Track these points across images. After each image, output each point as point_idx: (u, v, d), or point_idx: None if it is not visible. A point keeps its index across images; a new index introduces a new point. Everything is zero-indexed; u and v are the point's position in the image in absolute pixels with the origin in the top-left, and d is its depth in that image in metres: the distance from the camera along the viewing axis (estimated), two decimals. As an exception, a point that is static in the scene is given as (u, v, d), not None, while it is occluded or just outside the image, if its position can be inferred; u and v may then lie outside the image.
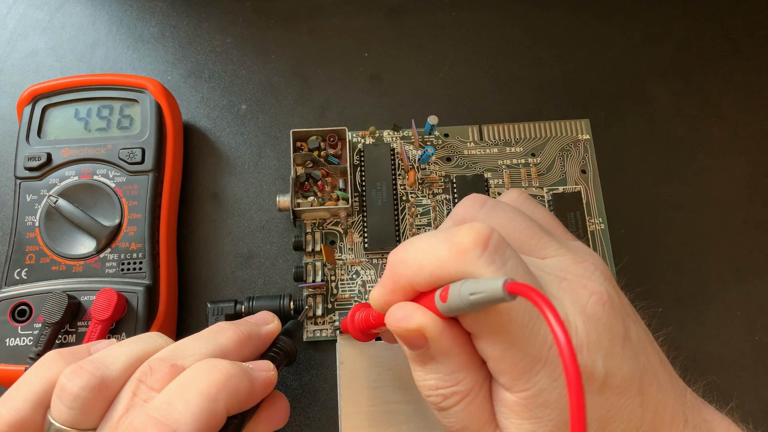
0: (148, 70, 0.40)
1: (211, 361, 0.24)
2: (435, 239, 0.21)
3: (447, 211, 0.36)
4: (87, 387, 0.22)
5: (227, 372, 0.23)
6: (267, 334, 0.28)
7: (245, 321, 0.28)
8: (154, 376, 0.23)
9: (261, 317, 0.29)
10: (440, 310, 0.21)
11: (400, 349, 0.33)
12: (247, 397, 0.24)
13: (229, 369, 0.23)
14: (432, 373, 0.22)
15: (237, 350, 0.26)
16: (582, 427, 0.15)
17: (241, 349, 0.26)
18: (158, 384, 0.23)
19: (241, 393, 0.23)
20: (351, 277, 0.35)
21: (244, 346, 0.26)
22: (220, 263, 0.36)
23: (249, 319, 0.29)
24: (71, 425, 0.22)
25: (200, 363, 0.24)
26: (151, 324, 0.32)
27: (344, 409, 0.32)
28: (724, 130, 0.39)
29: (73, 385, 0.22)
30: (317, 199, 0.36)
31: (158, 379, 0.23)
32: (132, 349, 0.25)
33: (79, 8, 0.42)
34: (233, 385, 0.23)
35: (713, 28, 0.42)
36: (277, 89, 0.40)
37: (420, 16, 0.42)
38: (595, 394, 0.21)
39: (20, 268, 0.32)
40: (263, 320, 0.29)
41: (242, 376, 0.24)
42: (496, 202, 0.25)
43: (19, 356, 0.31)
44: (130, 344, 0.25)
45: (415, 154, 0.38)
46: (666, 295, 0.35)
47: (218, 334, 0.26)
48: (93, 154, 0.34)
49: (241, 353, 0.26)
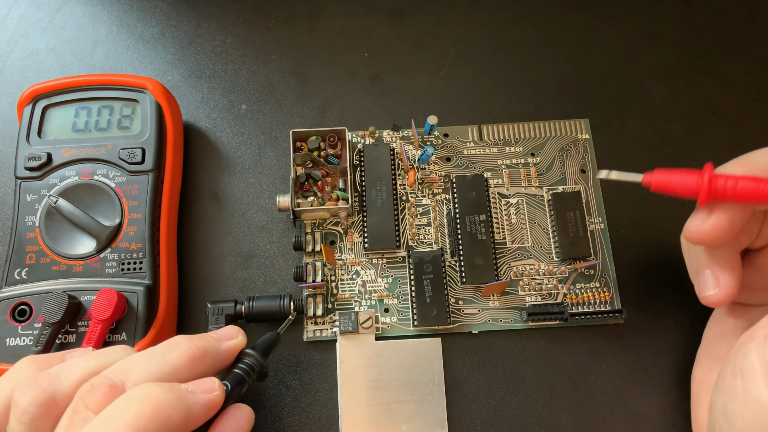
0: (148, 70, 0.40)
1: (145, 389, 0.23)
2: None
3: (447, 211, 0.36)
4: (35, 402, 0.22)
5: (158, 402, 0.22)
6: (227, 351, 0.27)
7: (205, 336, 0.27)
8: (92, 396, 0.23)
9: (224, 332, 0.28)
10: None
11: (400, 348, 0.33)
12: (183, 424, 0.23)
13: (161, 398, 0.22)
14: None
15: (189, 367, 0.25)
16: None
17: (194, 366, 0.25)
18: (94, 404, 0.22)
19: (173, 422, 0.23)
20: (351, 277, 0.35)
21: (197, 363, 0.26)
22: (220, 263, 0.36)
23: (212, 333, 0.28)
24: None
25: (133, 390, 0.23)
26: (151, 324, 0.32)
27: (344, 408, 0.32)
28: (724, 130, 0.39)
29: (24, 399, 0.22)
30: (317, 200, 0.36)
31: (95, 399, 0.22)
32: (89, 364, 0.24)
33: (79, 8, 0.42)
34: (165, 415, 0.22)
35: (713, 28, 0.42)
36: (277, 89, 0.40)
37: (420, 16, 0.42)
38: None
39: (20, 267, 0.32)
40: (226, 335, 0.28)
41: (176, 404, 0.23)
42: None
43: (19, 356, 0.30)
44: (89, 359, 0.25)
45: (415, 154, 0.38)
46: (666, 295, 0.35)
47: (170, 351, 0.25)
48: (93, 154, 0.34)
49: (194, 370, 0.25)
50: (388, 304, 0.35)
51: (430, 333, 0.34)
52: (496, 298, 0.35)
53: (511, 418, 0.33)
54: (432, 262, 0.34)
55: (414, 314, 0.34)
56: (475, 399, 0.33)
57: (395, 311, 0.34)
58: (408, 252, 0.35)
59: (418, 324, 0.34)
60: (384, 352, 0.33)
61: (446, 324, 0.33)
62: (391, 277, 0.35)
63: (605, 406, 0.33)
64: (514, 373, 0.34)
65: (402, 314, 0.34)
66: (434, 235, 0.36)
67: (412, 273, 0.34)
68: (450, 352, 0.34)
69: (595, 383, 0.34)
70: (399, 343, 0.34)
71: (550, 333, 0.34)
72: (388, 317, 0.34)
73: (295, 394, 0.33)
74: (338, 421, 0.32)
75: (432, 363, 0.33)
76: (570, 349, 0.34)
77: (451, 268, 0.35)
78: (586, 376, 0.34)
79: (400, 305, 0.35)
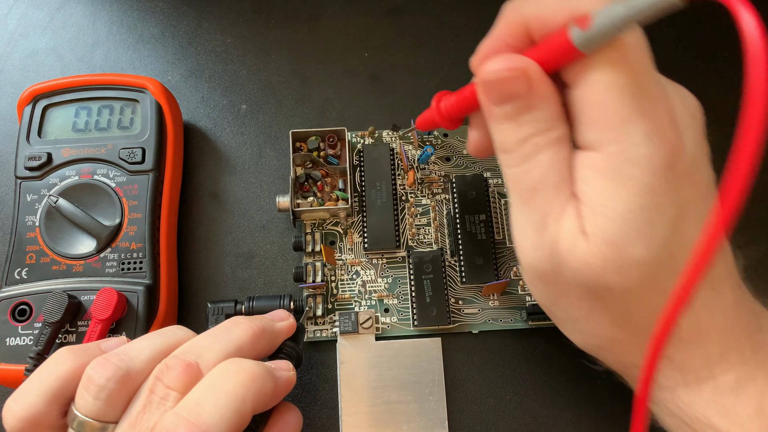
0: (148, 70, 0.40)
1: (238, 362, 0.24)
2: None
3: (447, 211, 0.36)
4: (113, 378, 0.23)
5: (253, 373, 0.23)
6: (281, 330, 0.29)
7: (260, 317, 0.29)
8: (169, 375, 0.23)
9: (276, 314, 0.30)
10: (576, 40, 0.20)
11: (400, 348, 0.33)
12: (271, 397, 0.24)
13: (255, 370, 0.24)
14: (528, 124, 0.22)
15: (251, 345, 0.26)
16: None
17: (255, 344, 0.26)
18: (173, 382, 0.23)
19: (266, 393, 0.24)
20: (351, 278, 0.35)
21: (257, 341, 0.27)
22: (220, 263, 0.36)
23: (264, 315, 0.29)
24: (95, 416, 0.23)
25: (226, 363, 0.24)
26: (151, 324, 0.32)
27: (345, 409, 0.32)
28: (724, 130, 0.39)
29: (100, 376, 0.23)
30: (317, 200, 0.36)
31: (173, 377, 0.23)
32: (154, 342, 0.25)
33: (79, 8, 0.42)
34: (259, 386, 0.23)
35: (713, 28, 0.42)
36: (277, 89, 0.40)
37: (420, 16, 0.42)
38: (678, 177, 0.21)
39: (20, 267, 0.32)
40: (278, 317, 0.29)
41: (267, 376, 0.24)
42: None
43: (20, 356, 0.31)
44: (152, 338, 0.26)
45: (415, 154, 0.38)
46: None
47: (232, 329, 0.26)
48: (93, 154, 0.34)
49: (255, 348, 0.26)
50: (388, 304, 0.35)
51: (430, 333, 0.34)
52: (496, 297, 0.35)
53: (511, 418, 0.33)
54: (432, 262, 0.34)
55: (414, 314, 0.34)
56: (475, 399, 0.33)
57: (395, 311, 0.34)
58: (408, 252, 0.35)
59: (418, 324, 0.34)
60: (384, 352, 0.33)
61: (446, 324, 0.33)
62: (391, 277, 0.35)
63: (605, 406, 0.33)
64: (514, 372, 0.34)
65: (402, 314, 0.34)
66: (434, 235, 0.36)
67: (412, 273, 0.34)
68: (450, 352, 0.34)
69: (595, 383, 0.34)
70: (399, 343, 0.34)
71: (551, 333, 0.34)
72: (388, 317, 0.34)
73: (295, 394, 0.33)
74: (339, 422, 0.32)
75: (432, 363, 0.33)
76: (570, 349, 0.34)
77: (451, 268, 0.35)
78: (586, 376, 0.34)
79: (400, 305, 0.35)
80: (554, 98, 0.22)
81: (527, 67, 0.21)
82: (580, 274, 0.22)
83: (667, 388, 0.24)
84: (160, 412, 0.23)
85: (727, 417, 0.22)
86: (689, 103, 0.23)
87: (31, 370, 0.28)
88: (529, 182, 0.22)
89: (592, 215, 0.21)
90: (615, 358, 0.26)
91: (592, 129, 0.21)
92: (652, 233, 0.21)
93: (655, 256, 0.21)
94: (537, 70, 0.22)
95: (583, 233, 0.21)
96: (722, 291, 0.23)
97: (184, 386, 0.23)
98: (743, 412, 0.22)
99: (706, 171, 0.23)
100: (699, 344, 0.23)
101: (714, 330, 0.23)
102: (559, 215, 0.22)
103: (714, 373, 0.23)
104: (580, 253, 0.21)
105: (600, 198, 0.21)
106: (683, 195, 0.21)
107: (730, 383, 0.22)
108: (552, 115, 0.22)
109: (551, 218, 0.22)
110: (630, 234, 0.20)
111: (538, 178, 0.22)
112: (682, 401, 0.23)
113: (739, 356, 0.23)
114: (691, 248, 0.21)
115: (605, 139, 0.21)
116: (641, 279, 0.21)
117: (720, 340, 0.23)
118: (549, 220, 0.22)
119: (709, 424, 0.23)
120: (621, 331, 0.24)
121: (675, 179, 0.21)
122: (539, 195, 0.22)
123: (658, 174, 0.20)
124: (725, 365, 0.23)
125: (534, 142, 0.22)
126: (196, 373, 0.24)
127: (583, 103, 0.21)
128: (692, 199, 0.22)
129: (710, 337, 0.23)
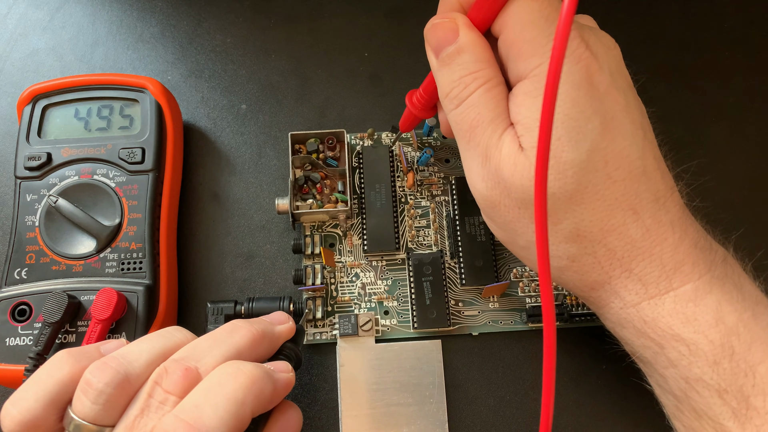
0: (148, 70, 0.40)
1: (236, 364, 0.24)
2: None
3: (446, 213, 0.36)
4: (111, 383, 0.23)
5: (252, 375, 0.23)
6: (281, 334, 0.29)
7: (260, 320, 0.28)
8: (168, 379, 0.23)
9: (276, 317, 0.30)
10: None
11: (400, 351, 0.33)
12: (270, 399, 0.24)
13: (254, 372, 0.24)
14: (458, 66, 0.26)
15: (251, 349, 0.26)
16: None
17: (255, 348, 0.26)
18: (172, 387, 0.23)
19: (265, 396, 0.24)
20: (351, 280, 0.35)
21: (258, 345, 0.27)
22: (220, 263, 0.36)
23: (264, 318, 0.29)
24: (92, 420, 0.23)
25: (225, 365, 0.24)
26: (151, 324, 0.32)
27: (345, 411, 0.32)
28: (724, 130, 0.39)
29: (99, 381, 0.23)
30: (316, 202, 0.36)
31: (172, 382, 0.23)
32: (153, 345, 0.25)
33: (79, 8, 0.42)
34: (258, 388, 0.23)
35: (713, 28, 0.42)
36: (277, 89, 0.40)
37: (420, 16, 0.42)
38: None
39: (20, 267, 0.32)
40: (278, 320, 0.29)
41: (266, 378, 0.24)
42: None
43: (19, 356, 0.31)
44: (151, 340, 0.26)
45: (414, 156, 0.38)
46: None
47: (232, 334, 0.26)
48: (93, 154, 0.34)
49: (255, 352, 0.26)
50: (388, 306, 0.35)
51: (430, 335, 0.34)
52: (496, 299, 0.35)
53: (511, 418, 0.33)
54: (432, 264, 0.34)
55: (414, 316, 0.34)
56: (475, 400, 0.33)
57: (395, 313, 0.34)
58: (407, 254, 0.35)
59: (418, 326, 0.34)
60: (384, 354, 0.33)
61: (446, 326, 0.33)
62: (391, 280, 0.35)
63: (605, 406, 0.33)
64: (514, 374, 0.34)
65: (402, 316, 0.34)
66: (434, 237, 0.36)
67: (412, 275, 0.34)
68: (450, 353, 0.34)
69: (595, 383, 0.34)
70: (399, 346, 0.34)
71: (550, 334, 0.34)
72: (388, 319, 0.34)
73: (295, 395, 0.33)
74: (339, 424, 0.32)
75: (432, 365, 0.33)
76: (570, 349, 0.34)
77: (451, 269, 0.35)
78: (587, 376, 0.34)
79: (399, 307, 0.35)
80: (481, 44, 0.25)
81: (455, 16, 0.26)
82: (524, 190, 0.24)
83: (633, 305, 0.25)
84: (158, 416, 0.22)
85: (689, 325, 0.24)
86: (604, 39, 0.26)
87: (30, 370, 0.28)
88: (468, 121, 0.26)
89: (526, 131, 0.24)
90: (579, 277, 0.26)
91: (519, 62, 0.24)
92: (579, 138, 0.23)
93: (585, 159, 0.23)
94: (463, 18, 0.26)
95: (522, 150, 0.24)
96: (667, 205, 0.25)
97: (183, 391, 0.23)
98: (703, 319, 0.24)
99: (629, 93, 0.25)
100: (654, 255, 0.25)
101: (666, 242, 0.25)
102: (498, 144, 0.25)
103: (673, 285, 0.25)
104: (521, 169, 0.24)
105: (532, 114, 0.24)
106: (606, 108, 0.24)
107: (688, 293, 0.24)
108: (479, 57, 0.25)
109: (492, 149, 0.25)
110: (561, 140, 0.23)
111: (474, 116, 0.25)
112: (648, 315, 0.25)
113: (694, 269, 0.25)
114: (623, 160, 0.24)
115: (530, 65, 0.24)
116: (578, 182, 0.24)
117: (673, 252, 0.25)
118: (490, 151, 0.25)
119: (673, 334, 0.24)
120: (576, 245, 0.25)
121: (596, 94, 0.24)
122: (477, 131, 0.25)
123: (577, 86, 0.23)
124: (682, 276, 0.24)
125: (465, 81, 0.25)
126: (195, 378, 0.24)
127: (508, 44, 0.24)
128: (616, 114, 0.24)
129: (663, 247, 0.25)
